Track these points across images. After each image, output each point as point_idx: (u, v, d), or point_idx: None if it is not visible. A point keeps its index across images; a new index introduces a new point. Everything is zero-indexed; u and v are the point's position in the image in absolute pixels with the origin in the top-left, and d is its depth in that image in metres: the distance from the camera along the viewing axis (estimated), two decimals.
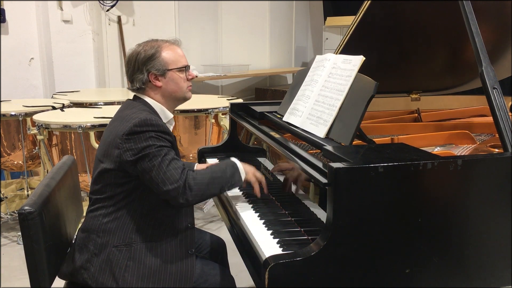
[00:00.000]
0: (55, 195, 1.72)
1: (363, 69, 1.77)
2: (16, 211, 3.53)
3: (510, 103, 2.62)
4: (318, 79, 1.94)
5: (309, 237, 1.52)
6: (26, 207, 1.52)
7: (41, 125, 3.09)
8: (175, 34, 5.29)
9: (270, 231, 1.57)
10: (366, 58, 1.78)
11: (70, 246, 1.83)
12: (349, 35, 2.22)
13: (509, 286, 1.51)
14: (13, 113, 3.33)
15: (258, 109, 2.32)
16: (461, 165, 1.38)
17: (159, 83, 1.76)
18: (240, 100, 3.72)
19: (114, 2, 4.89)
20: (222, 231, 3.41)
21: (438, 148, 2.04)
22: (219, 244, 2.07)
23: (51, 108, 3.53)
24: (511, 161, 1.44)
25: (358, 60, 1.79)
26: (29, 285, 1.58)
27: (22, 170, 3.59)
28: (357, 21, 2.17)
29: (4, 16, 4.29)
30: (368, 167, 1.32)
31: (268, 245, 1.48)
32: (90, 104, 3.82)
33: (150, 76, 1.74)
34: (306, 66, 2.12)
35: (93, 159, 1.87)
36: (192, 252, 1.74)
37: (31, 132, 3.20)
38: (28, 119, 3.30)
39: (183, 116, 3.51)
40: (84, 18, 4.87)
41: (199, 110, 3.50)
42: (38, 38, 4.56)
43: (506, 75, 2.53)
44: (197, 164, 2.04)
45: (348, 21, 3.42)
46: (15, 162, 3.51)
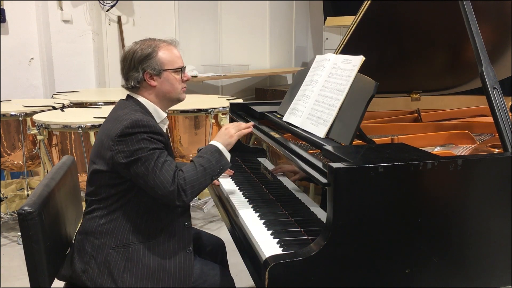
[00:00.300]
0: (55, 195, 1.72)
1: (363, 69, 1.77)
2: (16, 211, 3.52)
3: (510, 103, 2.61)
4: (318, 79, 1.94)
5: (309, 237, 1.52)
6: (26, 207, 1.52)
7: (41, 125, 3.09)
8: (175, 34, 5.30)
9: (270, 231, 1.57)
10: (366, 58, 1.78)
11: (70, 247, 1.83)
12: (349, 35, 2.22)
13: (509, 286, 1.51)
14: (13, 113, 3.33)
15: (258, 109, 2.32)
16: (461, 165, 1.38)
17: (154, 83, 1.75)
18: (240, 100, 3.72)
19: (114, 2, 4.89)
20: (222, 231, 3.40)
21: (438, 148, 2.04)
22: (219, 245, 2.07)
23: (51, 108, 3.53)
24: (511, 161, 1.44)
25: (358, 60, 1.79)
26: (29, 285, 1.58)
27: (22, 170, 3.59)
28: (357, 21, 2.17)
29: (4, 16, 4.29)
30: (368, 167, 1.32)
31: (268, 245, 1.48)
32: (90, 104, 3.82)
33: (145, 75, 1.74)
34: (306, 66, 2.12)
35: None
36: (190, 251, 1.74)
37: (31, 132, 3.20)
38: (28, 119, 3.30)
39: (183, 116, 3.51)
40: (84, 18, 4.87)
41: (199, 110, 3.51)
42: (38, 38, 4.56)
43: (506, 75, 2.53)
44: (192, 156, 2.04)
45: (348, 21, 3.41)
46: (15, 162, 3.51)
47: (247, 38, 6.38)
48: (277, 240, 1.50)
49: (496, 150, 1.90)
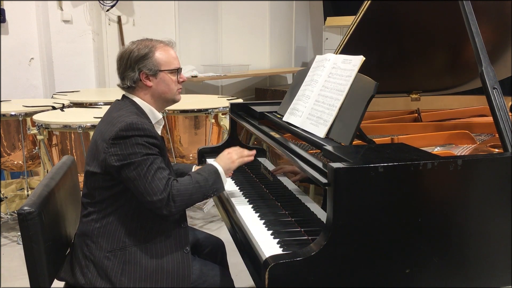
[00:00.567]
0: (55, 195, 1.72)
1: (363, 69, 1.77)
2: (16, 211, 3.52)
3: (510, 103, 2.61)
4: (318, 79, 1.94)
5: (309, 237, 1.52)
6: (26, 207, 1.52)
7: (41, 125, 3.09)
8: (175, 34, 5.30)
9: (270, 231, 1.57)
10: (366, 58, 1.78)
11: (70, 247, 1.83)
12: (349, 35, 2.22)
13: (509, 286, 1.50)
14: (13, 113, 3.33)
15: (258, 109, 2.32)
16: (461, 165, 1.38)
17: (150, 83, 1.75)
18: (240, 100, 3.72)
19: (114, 2, 4.89)
20: (222, 231, 3.41)
21: (438, 148, 2.04)
22: (218, 245, 2.07)
23: (51, 108, 3.53)
24: (511, 161, 1.44)
25: (358, 60, 1.79)
26: (29, 285, 1.58)
27: (22, 170, 3.59)
28: (357, 21, 2.16)
29: (4, 16, 4.29)
30: (368, 167, 1.32)
31: (268, 245, 1.48)
32: (90, 104, 3.82)
33: (141, 75, 1.74)
34: (306, 66, 2.12)
35: None
36: (188, 251, 1.74)
37: (31, 132, 3.20)
38: (28, 119, 3.30)
39: (183, 116, 3.51)
40: (84, 18, 4.87)
41: (199, 110, 3.50)
42: (38, 38, 4.56)
43: (506, 75, 2.53)
44: (195, 166, 2.04)
45: (348, 21, 3.41)
46: (15, 162, 3.51)
47: (247, 38, 6.38)
48: (277, 240, 1.50)
49: (496, 150, 1.90)
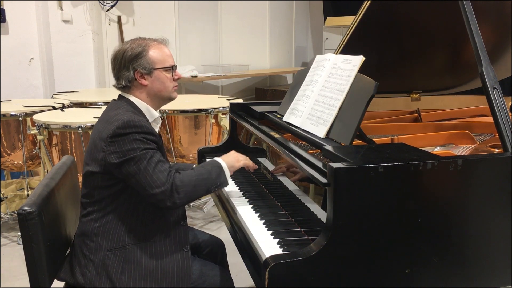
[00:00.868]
0: (55, 195, 1.72)
1: (363, 69, 1.77)
2: (16, 211, 3.52)
3: (510, 103, 2.61)
4: (318, 79, 1.94)
5: (309, 237, 1.52)
6: (26, 207, 1.52)
7: (41, 125, 3.09)
8: (175, 34, 5.30)
9: (270, 231, 1.57)
10: (366, 58, 1.78)
11: (70, 248, 1.83)
12: (349, 35, 2.22)
13: (509, 286, 1.50)
14: (13, 113, 3.33)
15: (258, 109, 2.31)
16: (461, 165, 1.38)
17: (145, 82, 1.75)
18: (240, 100, 3.72)
19: (114, 2, 4.89)
20: (222, 231, 3.41)
21: (438, 148, 2.04)
22: (218, 245, 2.07)
23: (51, 108, 3.53)
24: (511, 161, 1.44)
25: (358, 60, 1.79)
26: (29, 285, 1.58)
27: (22, 170, 3.59)
28: (357, 21, 2.16)
29: (4, 16, 4.29)
30: (368, 167, 1.32)
31: (268, 245, 1.48)
32: (90, 104, 3.82)
33: (136, 74, 1.74)
34: (306, 66, 2.12)
35: None
36: (188, 249, 1.74)
37: (31, 132, 3.20)
38: (28, 119, 3.30)
39: (183, 116, 3.51)
40: (84, 18, 4.87)
41: (199, 110, 3.50)
42: (38, 38, 4.56)
43: (506, 75, 2.53)
44: (196, 166, 2.04)
45: (348, 21, 3.41)
46: (15, 162, 3.51)
47: (247, 38, 6.38)
48: (277, 240, 1.50)
49: (496, 150, 1.90)
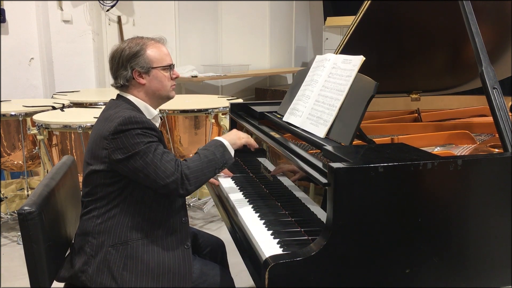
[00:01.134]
0: (55, 195, 1.72)
1: (363, 69, 1.77)
2: (16, 211, 3.53)
3: (510, 103, 2.61)
4: (318, 79, 1.94)
5: (309, 237, 1.52)
6: (26, 207, 1.52)
7: (41, 125, 3.09)
8: (175, 34, 5.30)
9: (270, 231, 1.57)
10: (366, 58, 1.78)
11: (70, 248, 1.82)
12: (349, 35, 2.22)
13: (509, 286, 1.51)
14: (13, 113, 3.33)
15: (258, 109, 2.32)
16: (461, 165, 1.38)
17: (143, 81, 1.75)
18: (240, 100, 3.72)
19: (114, 2, 4.89)
20: (222, 231, 3.41)
21: (438, 148, 2.04)
22: (219, 245, 2.07)
23: (51, 108, 3.53)
24: (511, 161, 1.44)
25: (358, 60, 1.79)
26: (29, 285, 1.58)
27: (22, 170, 3.59)
28: (357, 21, 2.17)
29: (4, 16, 4.29)
30: (368, 167, 1.32)
31: (268, 245, 1.48)
32: (90, 104, 3.82)
33: (134, 73, 1.74)
34: (306, 66, 2.12)
35: None
36: (188, 246, 1.74)
37: (31, 132, 3.20)
38: (28, 119, 3.30)
39: (183, 116, 3.51)
40: (84, 18, 4.87)
41: (199, 110, 3.51)
42: (38, 38, 4.56)
43: (506, 75, 2.53)
44: (199, 148, 2.03)
45: (348, 21, 3.41)
46: (15, 162, 3.51)
47: (247, 38, 6.38)
48: (277, 240, 1.50)
49: (496, 150, 1.90)
